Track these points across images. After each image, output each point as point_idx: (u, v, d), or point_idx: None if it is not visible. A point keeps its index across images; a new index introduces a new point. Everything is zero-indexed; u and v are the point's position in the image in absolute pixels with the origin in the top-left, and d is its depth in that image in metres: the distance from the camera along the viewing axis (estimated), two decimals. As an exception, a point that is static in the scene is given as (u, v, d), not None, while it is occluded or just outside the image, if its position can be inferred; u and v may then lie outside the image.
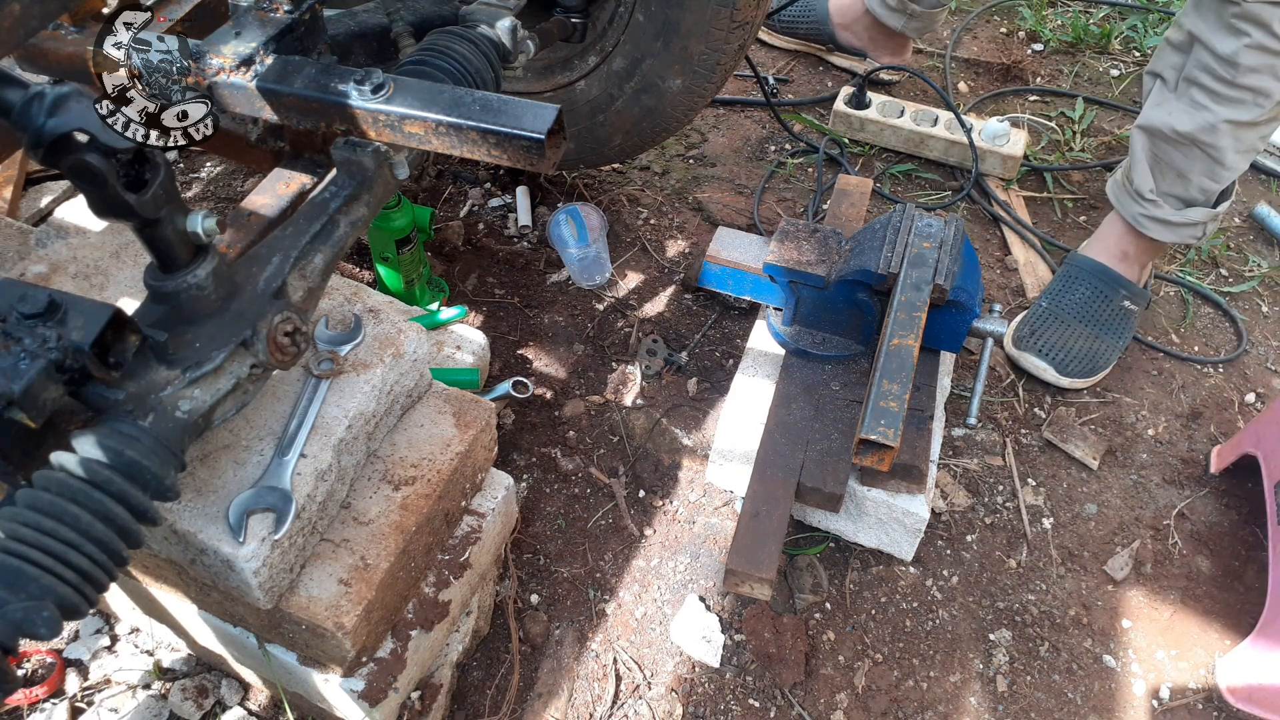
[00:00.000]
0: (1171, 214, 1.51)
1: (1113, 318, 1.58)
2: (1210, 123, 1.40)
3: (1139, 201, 1.54)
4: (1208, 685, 1.27)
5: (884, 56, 2.12)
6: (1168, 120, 1.45)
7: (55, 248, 1.08)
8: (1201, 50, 1.39)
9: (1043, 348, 1.56)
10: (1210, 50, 1.37)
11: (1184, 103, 1.44)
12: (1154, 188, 1.52)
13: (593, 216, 1.72)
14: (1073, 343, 1.55)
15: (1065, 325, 1.57)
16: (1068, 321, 1.57)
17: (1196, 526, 1.44)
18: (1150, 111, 1.50)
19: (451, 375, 1.35)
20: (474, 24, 1.12)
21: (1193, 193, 1.50)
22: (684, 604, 1.30)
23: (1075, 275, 1.63)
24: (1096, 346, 1.56)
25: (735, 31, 1.38)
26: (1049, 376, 1.55)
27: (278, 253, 0.89)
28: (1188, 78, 1.42)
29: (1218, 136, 1.41)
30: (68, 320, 0.71)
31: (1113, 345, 1.57)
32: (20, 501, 0.69)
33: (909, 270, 1.26)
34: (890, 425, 1.11)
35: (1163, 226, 1.53)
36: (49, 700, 1.15)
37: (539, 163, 0.87)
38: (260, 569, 0.87)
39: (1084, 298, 1.59)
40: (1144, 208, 1.54)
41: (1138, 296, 1.60)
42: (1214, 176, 1.46)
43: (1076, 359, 1.54)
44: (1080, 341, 1.55)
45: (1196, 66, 1.41)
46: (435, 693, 1.14)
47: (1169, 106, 1.46)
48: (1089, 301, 1.59)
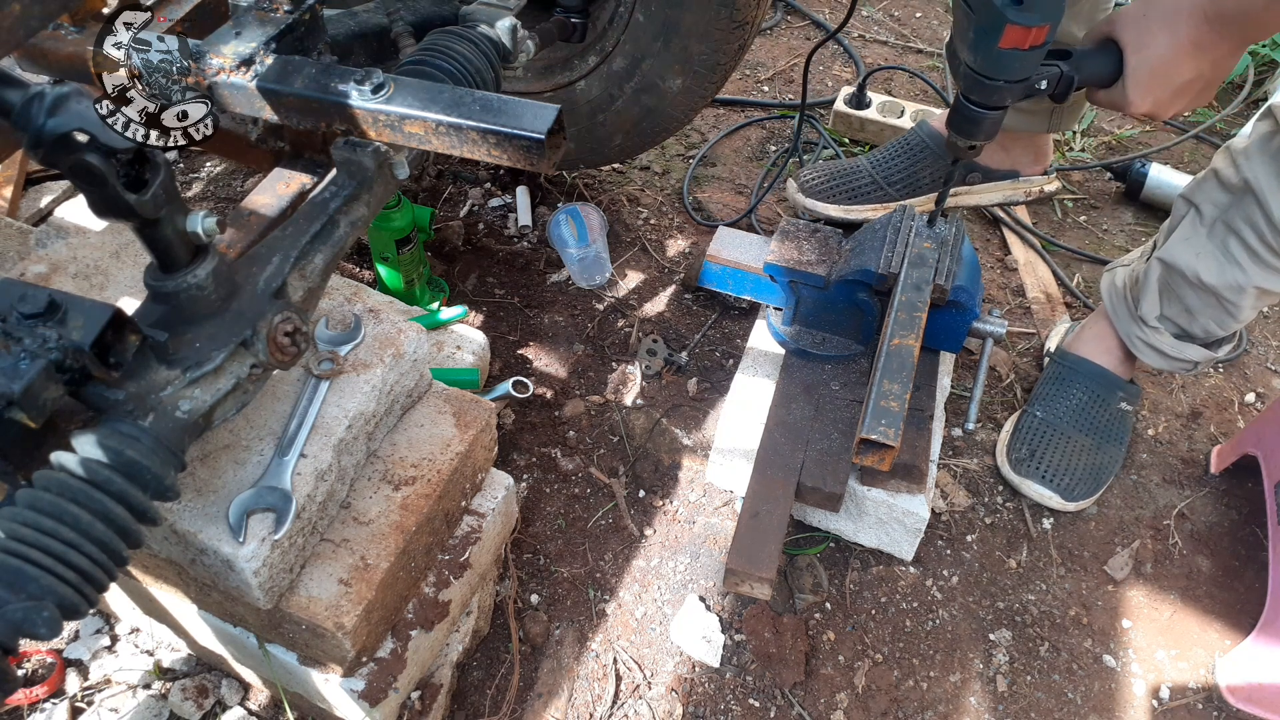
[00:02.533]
0: (1168, 344, 1.40)
1: (1111, 423, 1.47)
2: (1240, 284, 1.28)
3: (1139, 325, 1.42)
4: (1208, 685, 1.27)
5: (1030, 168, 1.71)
6: (1193, 265, 1.32)
7: (55, 248, 1.08)
8: (1254, 204, 1.23)
9: (1045, 473, 1.43)
10: (1265, 209, 1.21)
11: (1216, 249, 1.29)
12: (1159, 314, 1.39)
13: (593, 216, 1.72)
14: (1074, 460, 1.44)
15: (1064, 439, 1.45)
16: (1066, 433, 1.45)
17: (1196, 526, 1.44)
18: (1176, 247, 1.34)
19: (451, 375, 1.35)
20: (474, 24, 1.12)
21: (1194, 330, 1.38)
22: (684, 604, 1.30)
23: (1067, 377, 1.50)
24: (1099, 460, 1.45)
25: (735, 31, 1.38)
26: (1054, 504, 1.43)
27: (278, 253, 0.88)
28: (1228, 224, 1.27)
29: (1242, 297, 1.29)
30: (68, 320, 0.71)
31: (1114, 455, 1.46)
32: (20, 501, 0.69)
33: (909, 270, 1.26)
34: (891, 425, 1.11)
35: (1156, 354, 1.42)
36: (49, 700, 1.15)
37: (539, 163, 0.87)
38: (260, 569, 0.87)
39: (1080, 403, 1.48)
40: (1143, 333, 1.42)
41: (1133, 396, 1.49)
42: (1222, 325, 1.36)
43: (1081, 480, 1.43)
44: (1082, 457, 1.44)
45: (1243, 218, 1.25)
46: (435, 693, 1.14)
47: (1198, 247, 1.31)
48: (1086, 407, 1.47)
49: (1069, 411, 1.47)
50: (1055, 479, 1.43)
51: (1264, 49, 2.20)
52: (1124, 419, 1.49)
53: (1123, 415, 1.49)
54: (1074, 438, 1.45)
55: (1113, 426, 1.47)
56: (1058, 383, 1.51)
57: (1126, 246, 1.85)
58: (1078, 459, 1.44)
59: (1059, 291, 1.75)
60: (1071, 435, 1.45)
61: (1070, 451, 1.44)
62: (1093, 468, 1.44)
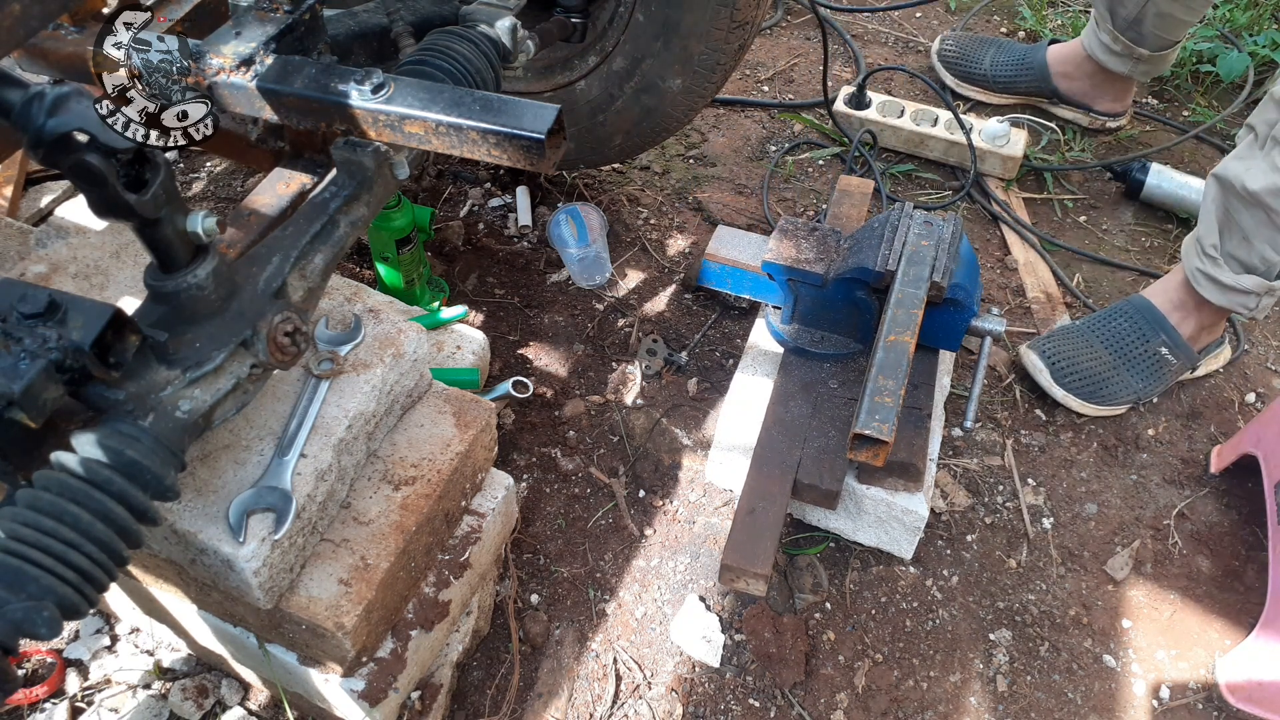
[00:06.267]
0: (1228, 277, 1.43)
1: (1143, 359, 1.49)
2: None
3: (1199, 255, 1.46)
4: (1208, 685, 1.27)
5: (1106, 104, 1.99)
6: (1241, 175, 1.36)
7: (55, 248, 1.08)
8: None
9: (1047, 351, 1.50)
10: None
11: (1265, 161, 1.34)
12: (1217, 244, 1.43)
13: (593, 216, 1.72)
14: (1084, 359, 1.48)
15: (1086, 343, 1.50)
16: (1091, 341, 1.50)
17: (1196, 526, 1.44)
18: (1230, 163, 1.41)
19: (451, 375, 1.35)
20: (474, 24, 1.12)
21: (1254, 259, 1.40)
22: (684, 604, 1.30)
23: (1121, 309, 1.56)
24: (1111, 376, 1.48)
25: (735, 31, 1.38)
26: (1042, 379, 1.50)
27: (278, 253, 0.89)
28: (1276, 136, 1.33)
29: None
30: (68, 320, 0.71)
31: (1131, 384, 1.49)
32: (20, 501, 0.69)
33: (906, 268, 1.26)
34: (884, 420, 1.11)
35: (1215, 287, 1.45)
36: (49, 700, 1.15)
37: (539, 163, 0.87)
38: (260, 569, 0.87)
39: (1120, 329, 1.52)
40: (1203, 263, 1.45)
41: (1180, 350, 1.51)
42: (1276, 246, 1.38)
43: (1081, 375, 1.47)
44: (1094, 363, 1.48)
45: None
46: (435, 693, 1.14)
47: (1250, 161, 1.37)
48: (1123, 333, 1.51)
49: (1105, 330, 1.53)
50: (1053, 359, 1.49)
51: (1264, 49, 2.20)
52: (1160, 364, 1.50)
53: (1159, 360, 1.50)
54: (1096, 347, 1.50)
55: (1143, 361, 1.49)
56: (1110, 311, 1.58)
57: (1126, 247, 1.85)
58: (1087, 361, 1.48)
59: (1059, 291, 1.75)
60: (1094, 344, 1.50)
61: (1084, 351, 1.49)
62: (1098, 377, 1.48)
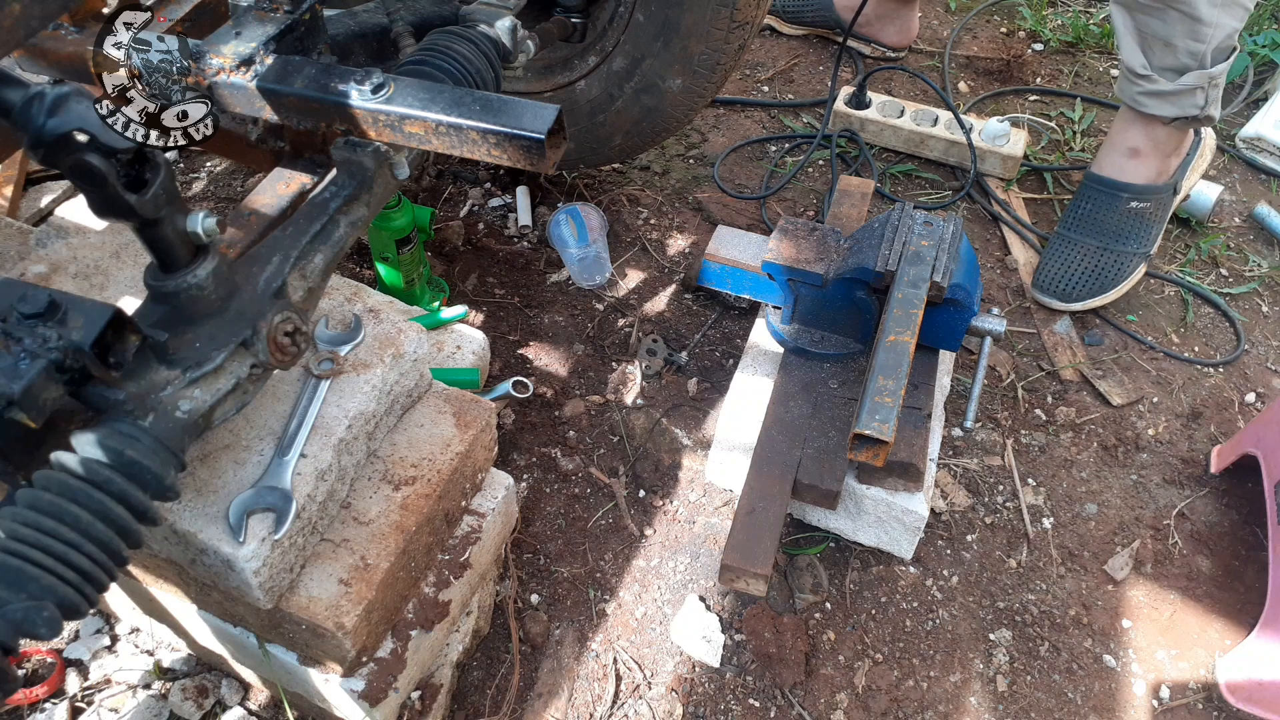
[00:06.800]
0: (1166, 85, 1.52)
1: (1121, 224, 1.59)
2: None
3: (1133, 80, 1.55)
4: (1208, 685, 1.27)
5: (890, 36, 2.15)
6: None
7: (55, 248, 1.08)
8: None
9: (1048, 282, 1.59)
10: None
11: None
12: (1144, 63, 1.52)
13: (593, 216, 1.72)
14: (1076, 263, 1.57)
15: (1070, 246, 1.59)
16: (1072, 241, 1.59)
17: (1196, 526, 1.44)
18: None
19: (451, 375, 1.35)
20: (474, 24, 1.12)
21: (1182, 59, 1.49)
22: (684, 604, 1.30)
23: (1080, 193, 1.66)
24: (1104, 260, 1.58)
25: (735, 31, 1.38)
26: (1058, 307, 1.59)
27: (278, 253, 0.89)
28: None
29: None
30: (68, 320, 0.71)
31: (1124, 252, 1.59)
32: (20, 501, 0.69)
33: (906, 268, 1.26)
34: (885, 420, 1.11)
35: (1160, 100, 1.54)
36: (49, 700, 1.15)
37: (539, 163, 0.87)
38: (260, 569, 0.87)
39: (1086, 211, 1.62)
40: (1139, 85, 1.54)
41: (1145, 194, 1.60)
42: (1195, 35, 1.46)
43: (1081, 281, 1.57)
44: (1088, 259, 1.58)
45: None
46: (435, 692, 1.14)
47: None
48: (1091, 214, 1.61)
49: (1076, 221, 1.62)
50: (1054, 285, 1.58)
51: (1264, 49, 2.20)
52: (1137, 218, 1.60)
53: (1135, 215, 1.60)
54: (1079, 243, 1.59)
55: (1122, 227, 1.59)
56: (1074, 200, 1.68)
57: (1126, 246, 1.85)
58: (1080, 262, 1.57)
59: (1059, 291, 1.75)
60: (1077, 242, 1.59)
61: (1074, 257, 1.57)
62: (1099, 268, 1.57)
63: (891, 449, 1.16)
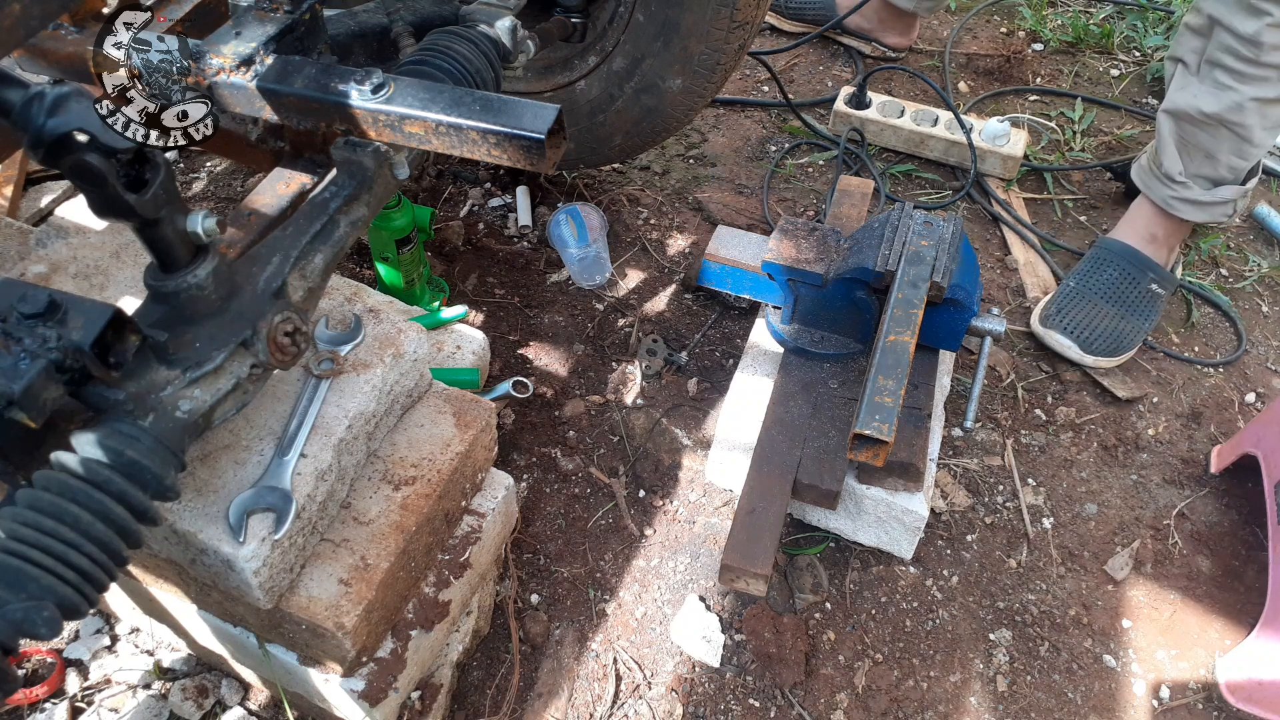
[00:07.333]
0: (1201, 194, 1.55)
1: (1140, 300, 1.61)
2: (1237, 102, 1.44)
3: (1168, 184, 1.57)
4: (1208, 684, 1.27)
5: (891, 38, 2.17)
6: (1193, 103, 1.48)
7: (55, 248, 1.08)
8: (1222, 32, 1.42)
9: (1068, 326, 1.58)
10: (1232, 32, 1.40)
11: (1208, 85, 1.47)
12: (1183, 170, 1.55)
13: (593, 216, 1.72)
14: (1098, 322, 1.58)
15: (1092, 305, 1.59)
16: (1094, 301, 1.59)
17: (1196, 526, 1.44)
18: (1175, 95, 1.53)
19: (451, 375, 1.35)
20: (474, 24, 1.12)
21: (1221, 172, 1.53)
22: (684, 604, 1.30)
23: (1104, 258, 1.65)
24: (1122, 327, 1.58)
25: (735, 31, 1.38)
26: (1073, 354, 1.57)
27: (278, 253, 0.89)
28: (1210, 60, 1.45)
29: (1245, 115, 1.45)
30: (68, 320, 0.71)
31: (1139, 327, 1.60)
32: (20, 501, 0.69)
33: (906, 268, 1.26)
34: (885, 420, 1.11)
35: (1193, 207, 1.57)
36: (49, 700, 1.15)
37: (539, 163, 0.87)
38: (260, 569, 0.87)
39: (1112, 279, 1.62)
40: (1173, 190, 1.57)
41: (1165, 280, 1.63)
42: (1242, 154, 1.50)
43: (1101, 338, 1.57)
44: (1106, 321, 1.58)
45: (1218, 49, 1.44)
46: (435, 692, 1.14)
47: (1193, 90, 1.49)
48: (1117, 283, 1.61)
49: (1100, 285, 1.62)
50: (1076, 332, 1.57)
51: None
52: (1153, 300, 1.61)
53: (1153, 296, 1.61)
54: (1101, 306, 1.59)
55: (1141, 303, 1.60)
56: (1093, 262, 1.66)
57: (1126, 246, 1.85)
58: (1101, 322, 1.57)
59: (1059, 291, 1.75)
60: (1098, 303, 1.59)
61: (1095, 315, 1.58)
62: (1115, 332, 1.57)
63: (891, 449, 1.16)
